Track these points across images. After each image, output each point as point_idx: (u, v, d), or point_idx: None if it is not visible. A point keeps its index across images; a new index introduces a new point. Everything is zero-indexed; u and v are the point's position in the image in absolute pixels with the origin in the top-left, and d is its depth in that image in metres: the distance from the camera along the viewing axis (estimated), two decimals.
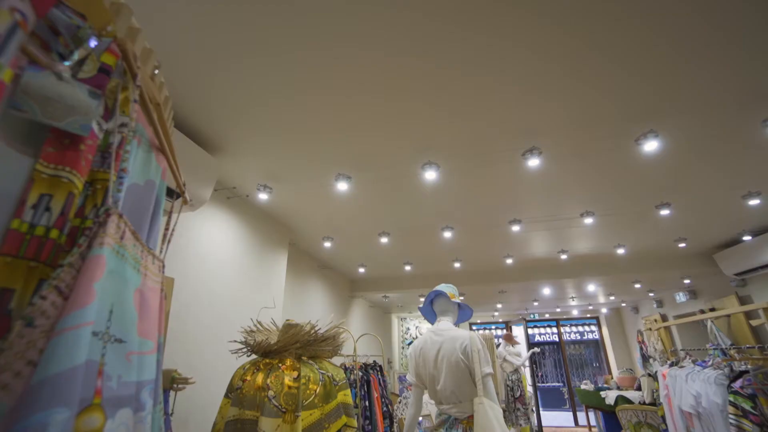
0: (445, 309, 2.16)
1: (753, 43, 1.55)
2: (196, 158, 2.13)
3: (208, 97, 1.88)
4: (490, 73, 1.69)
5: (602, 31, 1.48)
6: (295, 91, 1.81)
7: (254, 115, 2.00)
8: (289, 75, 1.71)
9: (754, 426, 2.25)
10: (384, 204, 3.02)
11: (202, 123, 2.08)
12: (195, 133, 2.15)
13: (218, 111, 1.98)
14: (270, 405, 1.59)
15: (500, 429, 1.69)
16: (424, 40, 1.50)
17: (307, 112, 1.96)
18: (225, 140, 2.23)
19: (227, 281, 2.71)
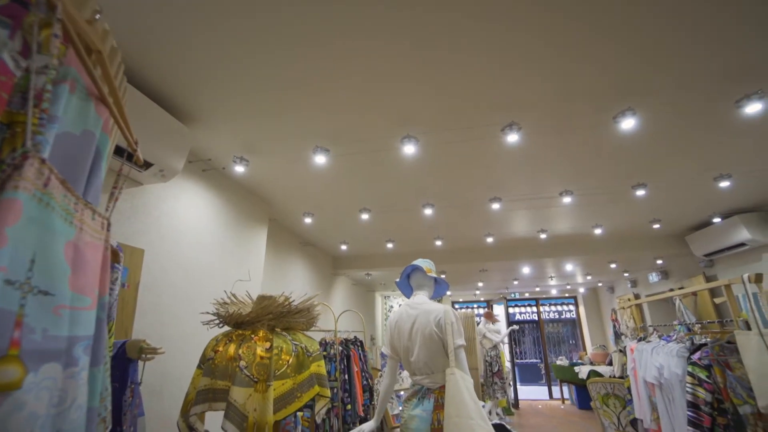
0: (421, 283, 2.18)
1: (727, 25, 1.54)
2: (167, 126, 2.04)
3: (180, 65, 1.79)
4: (469, 48, 1.65)
5: (583, 6, 1.44)
6: (270, 62, 1.74)
7: (228, 84, 1.92)
8: (265, 45, 1.63)
9: (707, 393, 2.38)
10: (364, 179, 2.99)
11: (175, 91, 1.99)
12: (167, 102, 2.06)
13: (192, 79, 1.89)
14: (241, 375, 1.60)
15: (470, 398, 1.74)
16: (403, 16, 1.45)
17: (284, 82, 1.89)
18: (198, 110, 2.14)
19: (204, 255, 2.67)
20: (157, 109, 1.98)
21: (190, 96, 2.03)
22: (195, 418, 1.68)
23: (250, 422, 1.53)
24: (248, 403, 1.55)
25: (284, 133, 2.34)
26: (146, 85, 1.92)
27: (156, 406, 2.11)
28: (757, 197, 3.58)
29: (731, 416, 2.31)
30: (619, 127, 2.13)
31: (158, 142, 2.00)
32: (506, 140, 2.23)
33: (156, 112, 1.98)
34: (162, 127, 2.02)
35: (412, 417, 1.87)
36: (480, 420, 1.71)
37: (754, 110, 1.99)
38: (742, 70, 1.81)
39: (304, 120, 2.21)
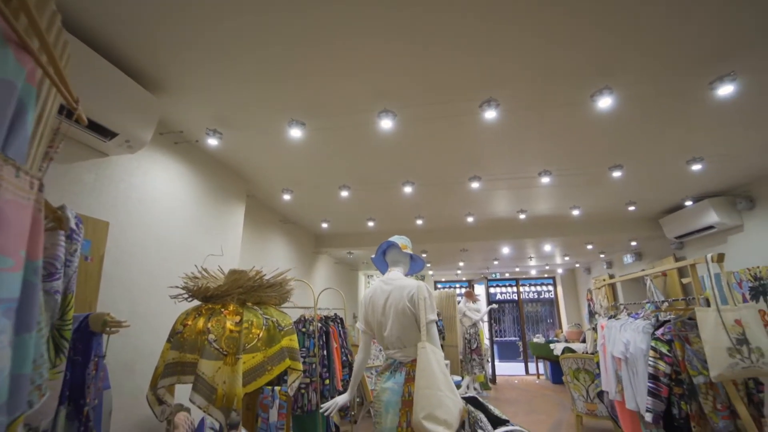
0: (396, 259, 2.18)
1: (703, 6, 1.53)
2: (133, 95, 1.95)
3: (148, 32, 1.70)
4: (447, 23, 1.60)
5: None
6: (242, 31, 1.66)
7: (199, 53, 1.83)
8: (237, 13, 1.55)
9: (667, 365, 2.50)
10: (343, 155, 2.94)
11: (141, 58, 1.88)
12: (133, 69, 1.95)
13: (160, 47, 1.80)
14: (210, 348, 1.59)
15: (440, 371, 1.78)
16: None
17: (256, 52, 1.81)
18: (167, 79, 2.04)
19: (177, 230, 2.61)
20: (121, 76, 1.88)
21: (159, 64, 1.93)
22: (164, 391, 1.67)
23: (219, 394, 1.53)
24: (217, 376, 1.55)
25: (258, 105, 2.26)
26: (110, 52, 1.82)
27: (128, 381, 2.10)
28: (726, 181, 3.68)
29: (686, 386, 2.44)
30: (596, 106, 2.13)
31: (123, 112, 1.91)
32: (484, 117, 2.21)
33: (120, 79, 1.88)
34: (127, 95, 1.92)
35: (384, 389, 1.90)
36: (448, 391, 1.75)
37: (726, 92, 2.01)
38: (716, 51, 1.82)
39: (278, 92, 2.14)
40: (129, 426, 2.07)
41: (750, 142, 2.79)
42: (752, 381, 2.35)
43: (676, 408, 2.48)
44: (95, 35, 1.71)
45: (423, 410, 1.65)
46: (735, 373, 2.15)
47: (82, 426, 1.32)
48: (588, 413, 4.38)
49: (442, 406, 1.67)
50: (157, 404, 1.68)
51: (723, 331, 2.24)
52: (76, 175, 1.88)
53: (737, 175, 3.54)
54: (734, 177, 3.57)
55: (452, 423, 1.66)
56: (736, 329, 2.22)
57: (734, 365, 2.14)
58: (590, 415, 4.36)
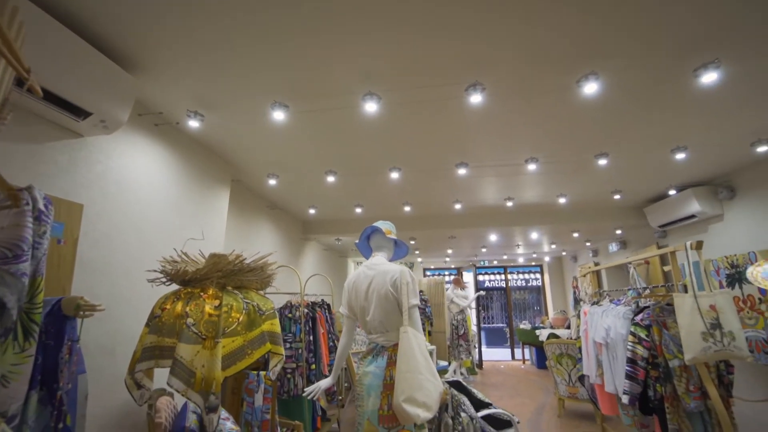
0: (380, 245, 2.18)
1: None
2: (107, 73, 1.87)
3: (122, 9, 1.62)
4: (432, 4, 1.56)
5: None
6: (223, 8, 1.60)
7: (177, 30, 1.76)
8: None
9: (644, 350, 2.57)
10: (328, 140, 2.90)
11: (116, 36, 1.80)
12: (107, 46, 1.87)
13: (135, 23, 1.72)
14: (189, 332, 1.57)
15: (421, 354, 1.79)
16: None
17: (237, 31, 1.74)
18: (144, 57, 1.97)
19: (159, 214, 2.56)
20: (94, 53, 1.80)
21: (135, 43, 1.85)
22: (141, 375, 1.66)
23: (197, 378, 1.53)
24: (196, 360, 1.54)
25: (239, 86, 2.20)
26: (83, 28, 1.73)
27: (108, 366, 2.08)
28: (709, 171, 3.73)
29: (662, 369, 2.51)
30: (582, 92, 2.12)
31: (97, 90, 1.83)
32: (470, 101, 2.18)
33: (93, 56, 1.80)
34: (101, 73, 1.84)
35: (366, 373, 1.92)
36: (429, 375, 1.77)
37: (710, 80, 2.01)
38: (701, 38, 1.81)
39: (260, 73, 2.08)
40: (110, 411, 2.06)
41: (732, 131, 2.82)
42: (723, 363, 2.43)
43: (651, 390, 2.56)
44: (67, 11, 1.63)
45: (403, 393, 1.67)
46: (707, 356, 2.21)
47: (55, 410, 1.30)
48: (570, 396, 4.51)
49: (422, 389, 1.69)
50: (135, 388, 1.67)
51: (698, 316, 2.29)
52: (48, 156, 1.82)
53: (719, 165, 3.59)
54: (717, 167, 3.62)
55: (431, 405, 1.69)
56: (710, 314, 2.28)
57: (707, 349, 2.21)
58: (572, 398, 4.49)
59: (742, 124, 2.70)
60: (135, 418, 2.21)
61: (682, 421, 2.39)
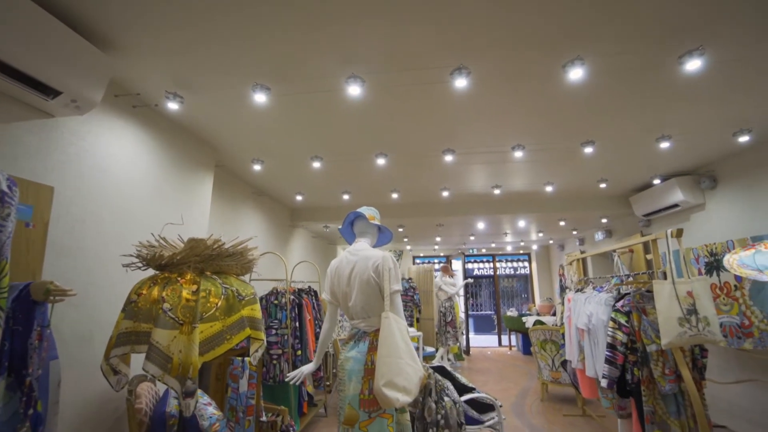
0: (363, 230, 2.16)
1: None
2: (77, 50, 1.79)
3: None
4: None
5: None
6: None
7: (152, 7, 1.68)
8: None
9: (624, 335, 2.62)
10: (313, 124, 2.85)
11: (88, 11, 1.72)
12: (78, 23, 1.78)
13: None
14: (165, 317, 1.55)
15: (401, 339, 1.80)
16: None
17: (216, 8, 1.67)
18: (118, 34, 1.88)
19: (138, 199, 2.50)
20: (63, 29, 1.71)
21: (109, 19, 1.77)
22: (117, 360, 1.64)
23: (174, 363, 1.51)
24: (173, 345, 1.52)
25: (219, 67, 2.13)
26: (51, 3, 1.65)
27: (86, 353, 2.04)
28: (692, 160, 3.78)
29: (640, 354, 2.57)
30: (567, 77, 2.10)
31: (67, 68, 1.76)
32: (455, 86, 2.15)
33: (61, 32, 1.72)
34: (71, 50, 1.76)
35: (347, 359, 1.92)
36: (409, 360, 1.78)
37: (694, 67, 2.01)
38: (686, 24, 1.80)
39: (240, 53, 2.01)
40: (88, 397, 2.04)
41: (715, 120, 2.84)
42: (698, 348, 2.49)
43: (629, 374, 2.62)
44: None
45: (383, 377, 1.68)
46: (683, 340, 2.27)
47: (24, 396, 1.28)
48: (553, 381, 4.61)
49: (402, 374, 1.70)
50: (112, 374, 1.65)
51: (676, 302, 2.34)
52: (15, 137, 1.75)
53: (703, 155, 3.63)
54: (700, 156, 3.66)
55: (411, 390, 1.70)
56: (687, 300, 2.33)
57: (683, 334, 2.26)
58: (555, 382, 4.59)
59: (724, 113, 2.72)
60: (116, 404, 2.19)
61: (657, 402, 2.46)
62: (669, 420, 2.40)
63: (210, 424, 1.97)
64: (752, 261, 2.17)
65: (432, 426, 2.69)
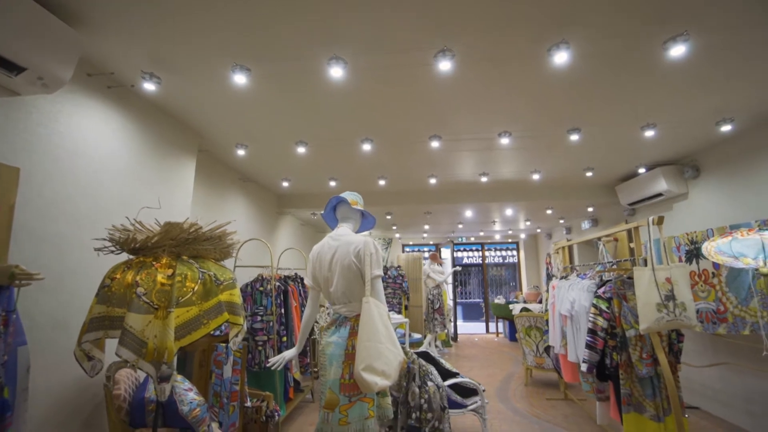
0: (346, 216, 2.14)
1: None
2: (43, 24, 1.70)
3: None
4: None
5: None
6: None
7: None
8: None
9: (604, 321, 2.66)
10: (296, 108, 2.78)
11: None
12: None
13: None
14: (139, 301, 1.51)
15: (382, 324, 1.79)
16: None
17: None
18: (89, 10, 1.80)
19: (115, 183, 2.43)
20: (27, 1, 1.63)
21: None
22: (90, 346, 1.60)
23: (149, 348, 1.48)
24: (147, 330, 1.49)
25: (196, 46, 2.06)
26: None
27: (62, 339, 2.00)
28: (676, 150, 3.81)
29: (619, 339, 2.62)
30: (553, 61, 2.08)
31: (32, 43, 1.67)
32: (440, 69, 2.11)
33: (26, 4, 1.63)
34: (36, 24, 1.68)
35: (328, 343, 1.92)
36: (389, 344, 1.78)
37: (678, 53, 2.00)
38: (672, 8, 1.78)
39: (218, 31, 1.94)
40: (65, 384, 2.01)
41: (699, 109, 2.86)
42: (675, 333, 2.55)
43: (608, 358, 2.67)
44: None
45: (363, 362, 1.68)
46: (660, 325, 2.31)
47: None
48: (537, 366, 4.70)
49: (381, 358, 1.70)
50: (85, 360, 1.61)
51: (654, 288, 2.38)
52: None
53: (687, 144, 3.66)
54: (684, 146, 3.69)
55: (390, 374, 1.70)
56: (666, 286, 2.37)
57: (660, 319, 2.30)
58: (539, 368, 4.68)
59: (707, 102, 2.74)
60: (94, 390, 2.16)
61: (634, 385, 2.52)
62: (644, 402, 2.47)
63: (190, 409, 1.95)
64: (729, 248, 2.21)
65: (415, 410, 2.73)
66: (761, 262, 2.05)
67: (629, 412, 2.50)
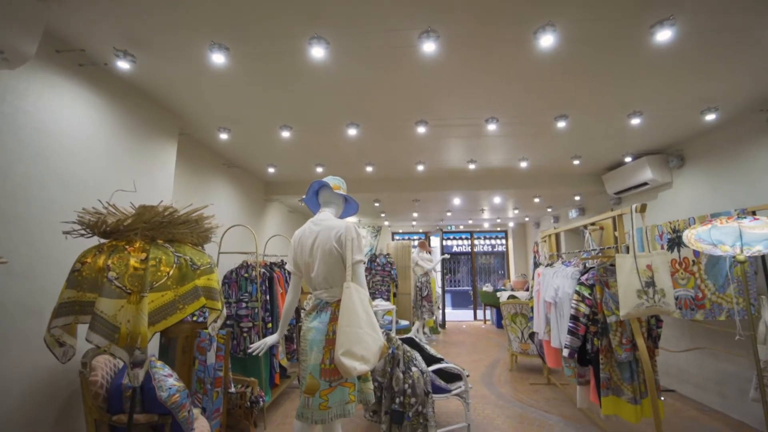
0: (328, 200, 2.11)
1: None
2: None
3: None
4: None
5: None
6: None
7: None
8: None
9: (586, 307, 2.69)
10: (279, 90, 2.71)
11: None
12: None
13: None
14: (111, 286, 1.47)
15: (362, 309, 1.78)
16: None
17: None
18: None
19: (90, 167, 2.35)
20: None
21: None
22: (60, 331, 1.56)
23: (122, 333, 1.44)
24: (119, 315, 1.45)
25: (171, 22, 1.97)
26: None
27: (36, 326, 1.96)
28: (662, 139, 3.83)
29: (600, 325, 2.66)
30: (539, 44, 2.04)
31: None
32: (424, 49, 2.06)
33: None
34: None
35: (309, 329, 1.90)
36: (369, 329, 1.77)
37: (665, 37, 1.98)
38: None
39: (192, 6, 1.85)
40: (39, 372, 1.97)
41: (684, 97, 2.86)
42: (654, 318, 2.59)
43: (589, 344, 2.72)
44: None
45: (342, 347, 1.67)
46: (640, 311, 2.34)
47: None
48: (522, 352, 4.78)
49: (361, 343, 1.69)
50: (56, 346, 1.57)
51: (635, 275, 2.40)
52: None
53: (672, 134, 3.68)
54: (670, 135, 3.71)
55: (369, 358, 1.70)
56: (646, 273, 2.40)
57: (640, 305, 2.33)
58: (523, 354, 4.76)
59: (693, 90, 2.73)
60: (71, 377, 2.12)
61: (613, 370, 2.57)
62: (622, 385, 2.52)
63: (169, 395, 1.93)
64: (708, 236, 2.24)
65: (399, 395, 2.75)
66: (738, 249, 2.07)
67: (608, 395, 2.55)
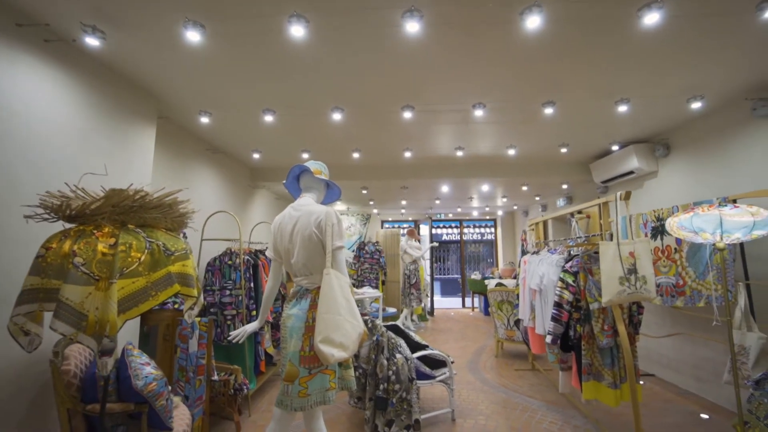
0: (309, 186, 2.05)
1: None
2: None
3: None
4: None
5: None
6: None
7: None
8: None
9: (570, 294, 2.71)
10: (259, 72, 2.61)
11: None
12: None
13: None
14: (77, 272, 1.41)
15: (342, 296, 1.75)
16: None
17: None
18: None
19: (59, 149, 2.24)
20: None
21: None
22: (24, 320, 1.50)
23: (90, 321, 1.39)
24: (87, 302, 1.39)
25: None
26: None
27: (3, 315, 1.88)
28: (649, 128, 3.83)
29: (583, 312, 2.68)
30: (525, 26, 1.99)
31: None
32: (408, 30, 1.99)
33: None
34: None
35: (289, 316, 1.87)
36: (348, 316, 1.74)
37: (652, 20, 1.94)
38: None
39: None
40: (9, 361, 1.90)
41: (671, 85, 2.84)
42: (635, 305, 2.62)
43: (572, 330, 2.74)
44: None
45: (320, 334, 1.64)
46: (622, 298, 2.36)
47: None
48: (507, 339, 4.83)
49: (340, 330, 1.67)
50: (21, 335, 1.51)
51: (618, 262, 2.41)
52: None
53: (659, 123, 3.68)
54: (656, 124, 3.71)
55: (348, 345, 1.67)
56: (629, 260, 2.41)
57: (622, 292, 2.35)
58: (509, 340, 4.82)
59: (680, 76, 2.72)
60: (42, 367, 2.06)
61: (594, 356, 2.60)
62: (603, 371, 2.56)
63: (145, 383, 1.89)
64: (690, 223, 2.25)
65: (383, 381, 2.75)
66: (718, 237, 2.09)
67: (588, 380, 2.58)
